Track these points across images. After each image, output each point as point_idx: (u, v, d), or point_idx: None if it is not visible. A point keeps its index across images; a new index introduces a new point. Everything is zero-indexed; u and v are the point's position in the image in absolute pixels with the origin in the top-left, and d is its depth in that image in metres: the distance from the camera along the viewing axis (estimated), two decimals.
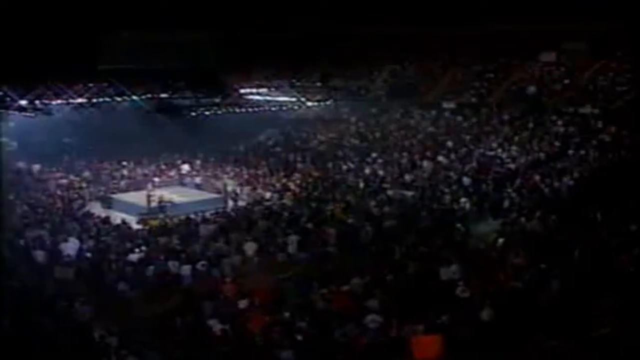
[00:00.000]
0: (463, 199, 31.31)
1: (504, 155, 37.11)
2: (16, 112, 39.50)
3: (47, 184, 38.58)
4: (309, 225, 28.96)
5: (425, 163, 38.53)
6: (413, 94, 49.58)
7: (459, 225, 27.82)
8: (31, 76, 38.16)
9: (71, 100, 38.90)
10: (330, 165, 41.76)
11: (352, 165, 40.85)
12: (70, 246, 25.87)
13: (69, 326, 18.58)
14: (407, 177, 36.81)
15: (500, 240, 25.22)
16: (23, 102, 37.84)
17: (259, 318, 19.08)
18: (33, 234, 27.69)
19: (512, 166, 35.28)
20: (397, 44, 50.97)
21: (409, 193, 33.87)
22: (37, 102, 38.01)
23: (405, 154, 40.82)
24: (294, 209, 32.40)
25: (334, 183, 37.84)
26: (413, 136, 44.23)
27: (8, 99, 38.05)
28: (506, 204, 30.11)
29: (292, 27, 49.69)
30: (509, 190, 31.60)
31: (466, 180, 34.10)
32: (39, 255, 24.84)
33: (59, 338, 17.43)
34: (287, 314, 19.09)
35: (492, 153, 37.95)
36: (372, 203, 32.55)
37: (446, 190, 33.20)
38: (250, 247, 25.67)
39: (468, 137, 41.26)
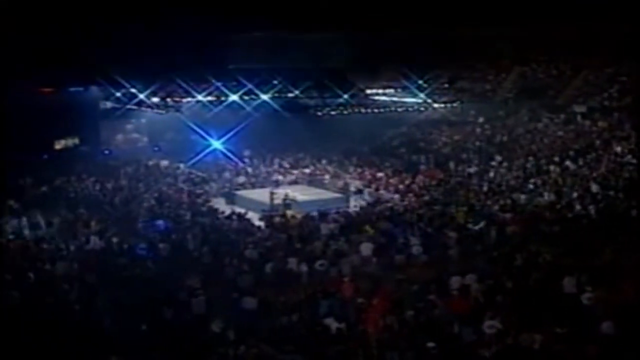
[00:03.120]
0: (590, 206, 30.40)
1: (634, 162, 35.74)
2: (148, 109, 41.07)
3: (174, 179, 39.58)
4: (430, 228, 28.77)
5: (552, 168, 37.62)
6: (542, 96, 48.60)
7: (584, 233, 27.02)
8: (163, 75, 39.56)
9: (200, 99, 40.08)
10: (453, 167, 41.34)
11: (476, 168, 40.29)
12: None
13: (188, 318, 19.06)
14: (533, 182, 35.99)
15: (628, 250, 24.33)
16: (154, 100, 39.28)
17: (376, 319, 19.03)
18: (159, 227, 28.59)
19: None
20: (526, 45, 50.05)
21: (534, 198, 33.14)
22: (167, 99, 39.38)
23: (531, 158, 40.02)
24: (416, 211, 32.22)
25: (457, 186, 37.44)
26: (540, 140, 43.32)
27: (140, 96, 39.63)
28: (634, 212, 28.98)
29: (421, 28, 49.59)
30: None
31: (594, 187, 33.08)
32: (163, 248, 25.55)
33: (178, 330, 17.89)
34: (403, 316, 18.99)
35: (622, 159, 36.63)
36: (496, 207, 32.06)
37: (573, 196, 32.34)
38: (366, 248, 25.61)
39: (598, 142, 40.01)
